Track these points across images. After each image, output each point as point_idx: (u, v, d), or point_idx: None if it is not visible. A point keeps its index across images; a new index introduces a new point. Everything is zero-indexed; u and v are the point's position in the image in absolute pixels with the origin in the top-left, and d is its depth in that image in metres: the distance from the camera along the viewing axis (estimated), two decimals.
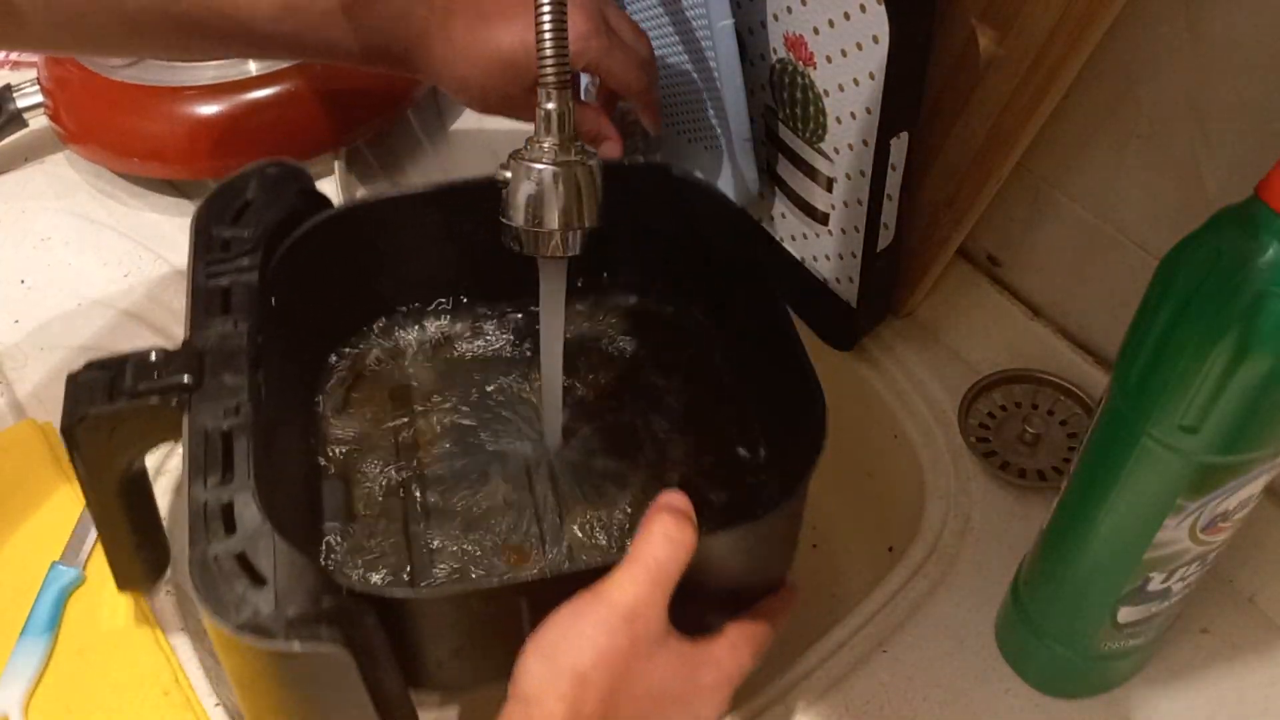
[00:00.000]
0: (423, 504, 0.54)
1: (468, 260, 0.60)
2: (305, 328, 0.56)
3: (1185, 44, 0.49)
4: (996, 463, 0.58)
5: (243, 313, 0.48)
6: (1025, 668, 0.50)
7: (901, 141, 0.53)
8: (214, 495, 0.42)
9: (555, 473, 0.55)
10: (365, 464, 0.56)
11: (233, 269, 0.50)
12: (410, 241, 0.58)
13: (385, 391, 0.59)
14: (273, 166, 0.55)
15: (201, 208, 0.53)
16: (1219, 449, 0.37)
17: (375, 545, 0.52)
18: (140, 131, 0.69)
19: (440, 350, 0.61)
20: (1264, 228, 0.33)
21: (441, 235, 0.58)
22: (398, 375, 0.59)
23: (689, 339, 0.61)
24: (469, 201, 0.56)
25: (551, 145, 0.48)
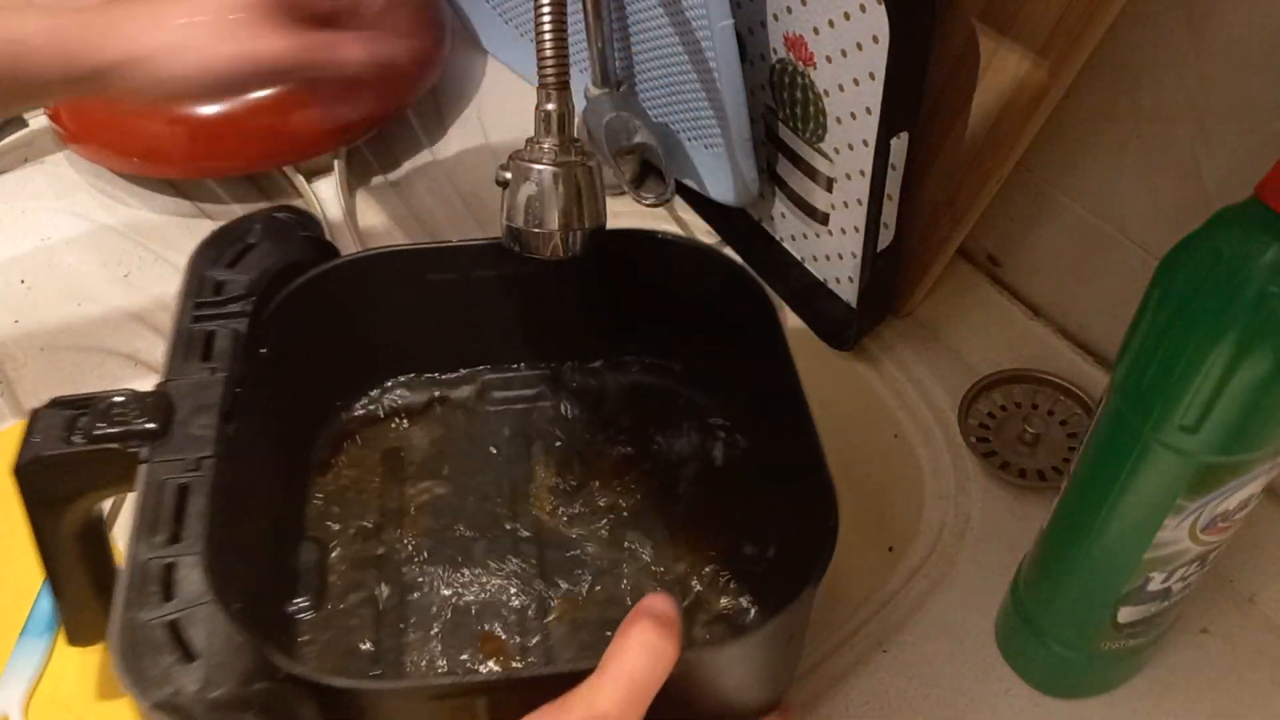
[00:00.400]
0: (400, 580, 0.51)
1: (479, 324, 0.57)
2: (297, 382, 0.53)
3: (1185, 44, 0.49)
4: (996, 463, 0.58)
5: (224, 361, 0.46)
6: (1025, 668, 0.50)
7: (901, 141, 0.53)
8: (157, 555, 0.39)
9: (543, 560, 0.52)
10: (345, 530, 0.53)
11: (222, 315, 0.48)
12: (418, 299, 0.55)
13: (377, 454, 0.56)
14: (282, 211, 0.53)
15: (199, 248, 0.51)
16: (1219, 449, 0.37)
17: (341, 622, 0.49)
18: (140, 131, 0.69)
19: (440, 417, 0.58)
20: (1264, 228, 0.33)
21: (452, 295, 0.55)
22: (391, 439, 0.57)
23: (696, 417, 0.58)
24: (485, 262, 0.54)
25: (551, 146, 0.48)
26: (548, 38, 0.45)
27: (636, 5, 0.62)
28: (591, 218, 0.49)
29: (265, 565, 0.50)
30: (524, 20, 0.77)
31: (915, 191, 0.59)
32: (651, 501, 0.54)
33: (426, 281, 0.54)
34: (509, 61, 0.81)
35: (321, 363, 0.55)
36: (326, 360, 0.55)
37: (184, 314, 0.48)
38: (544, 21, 0.45)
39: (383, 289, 0.54)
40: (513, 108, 0.78)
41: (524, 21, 0.77)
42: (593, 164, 0.49)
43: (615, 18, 0.64)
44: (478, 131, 0.77)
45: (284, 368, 0.50)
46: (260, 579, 0.49)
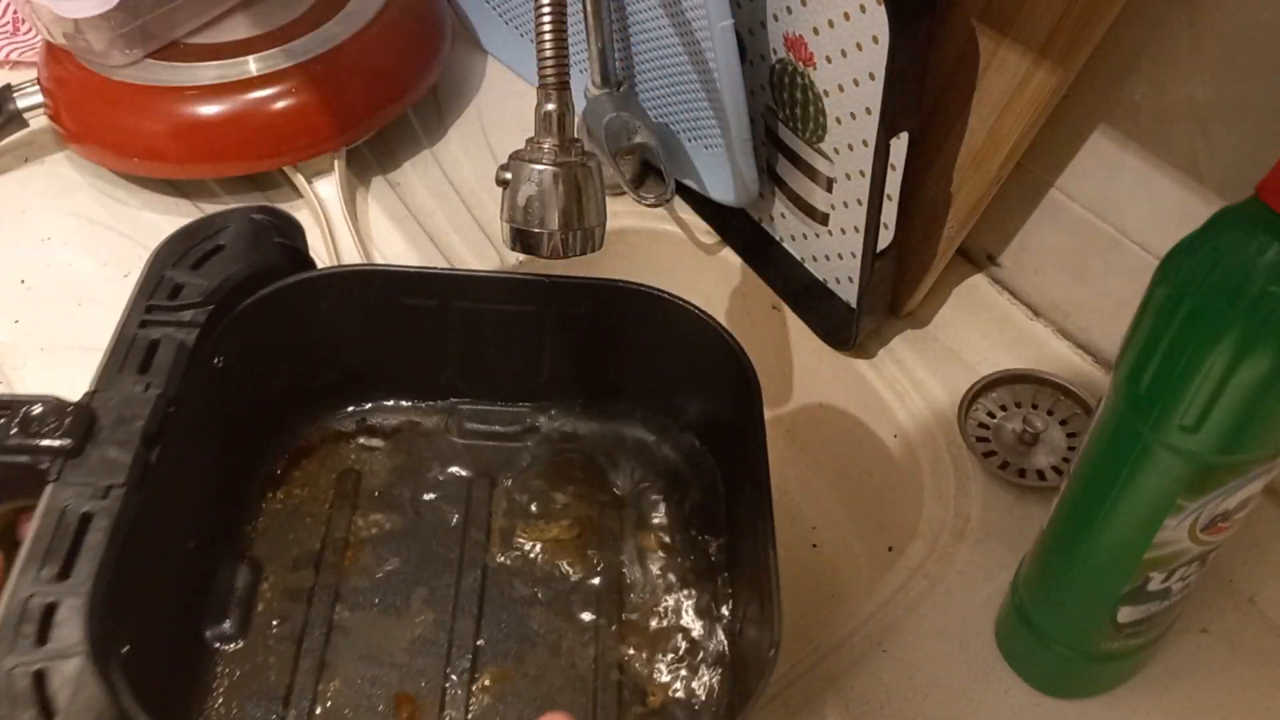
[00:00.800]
0: (329, 619, 0.48)
1: (457, 355, 0.54)
2: (252, 394, 0.50)
3: (1185, 44, 0.49)
4: (996, 463, 0.58)
5: (161, 376, 0.42)
6: (1025, 668, 0.50)
7: (901, 141, 0.53)
8: (41, 592, 0.35)
9: (483, 618, 0.49)
10: (284, 555, 0.50)
11: (171, 322, 0.44)
12: (394, 323, 0.52)
13: (333, 475, 0.52)
14: (260, 213, 0.49)
15: (163, 243, 0.47)
16: (1219, 449, 0.37)
17: (260, 657, 0.46)
18: (140, 131, 0.68)
19: (405, 444, 0.54)
20: (1264, 228, 0.33)
21: (430, 323, 0.52)
22: (351, 460, 0.53)
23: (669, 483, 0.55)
24: (467, 293, 0.51)
25: (551, 146, 0.48)
26: (548, 38, 0.45)
27: (636, 5, 0.62)
28: (591, 218, 0.49)
29: (189, 586, 0.46)
30: (524, 20, 0.77)
31: (915, 191, 0.59)
32: (607, 571, 0.51)
33: (403, 305, 0.51)
34: (509, 61, 0.81)
35: (283, 377, 0.52)
36: (289, 375, 0.52)
37: (131, 316, 0.44)
38: (544, 21, 0.45)
39: (357, 309, 0.51)
40: (513, 108, 0.78)
41: (524, 21, 0.77)
42: (593, 164, 0.49)
43: (615, 18, 0.64)
44: (478, 131, 0.77)
45: (238, 379, 0.47)
46: (181, 601, 0.46)
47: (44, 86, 0.72)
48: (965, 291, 0.65)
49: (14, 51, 0.80)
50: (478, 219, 0.71)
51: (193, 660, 0.46)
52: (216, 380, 0.45)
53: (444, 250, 0.69)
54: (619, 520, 0.53)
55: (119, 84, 0.68)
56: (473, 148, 0.75)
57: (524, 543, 0.52)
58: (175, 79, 0.68)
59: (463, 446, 0.55)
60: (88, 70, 0.69)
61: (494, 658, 0.48)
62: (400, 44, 0.73)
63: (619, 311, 0.52)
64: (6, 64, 0.81)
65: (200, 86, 0.68)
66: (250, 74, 0.68)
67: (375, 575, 0.50)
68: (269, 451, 0.53)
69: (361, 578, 0.50)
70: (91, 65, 0.69)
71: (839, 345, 0.64)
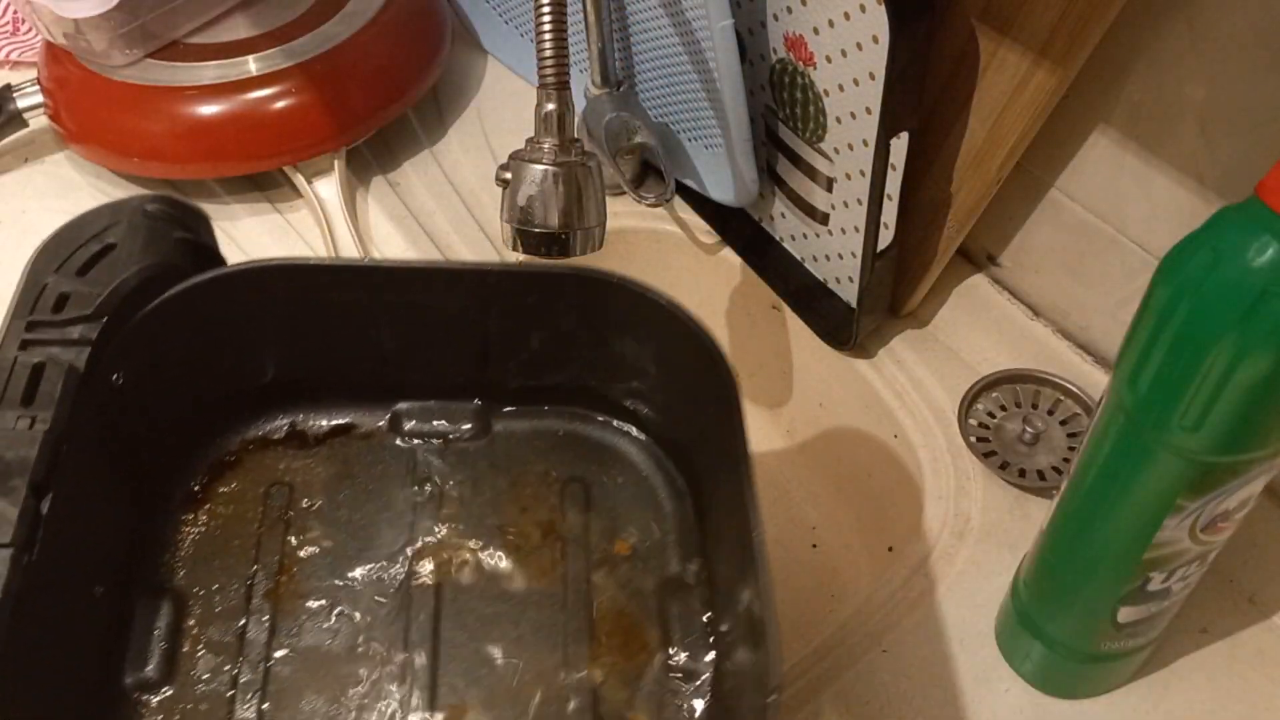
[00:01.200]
0: (266, 655, 0.43)
1: (391, 347, 0.49)
2: (161, 414, 0.45)
3: (1185, 44, 0.49)
4: (996, 463, 0.58)
5: (48, 409, 0.36)
6: (1025, 668, 0.50)
7: (901, 141, 0.53)
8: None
9: (439, 645, 0.44)
10: (209, 587, 0.45)
11: (58, 340, 0.38)
12: (320, 321, 0.47)
13: (260, 490, 0.47)
14: (155, 203, 0.43)
15: (41, 246, 0.42)
16: (1219, 449, 0.37)
17: (189, 706, 0.41)
18: (140, 131, 0.68)
19: (339, 451, 0.49)
20: (1264, 228, 0.33)
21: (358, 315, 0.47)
22: (280, 472, 0.48)
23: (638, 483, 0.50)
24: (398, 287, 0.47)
25: (551, 146, 0.48)
26: (548, 38, 0.45)
27: (636, 5, 0.62)
28: (591, 218, 0.49)
29: (101, 634, 0.42)
30: (524, 20, 0.77)
31: (915, 191, 0.59)
32: (573, 584, 0.46)
33: (329, 301, 0.47)
34: (509, 61, 0.81)
35: (195, 387, 0.47)
36: (202, 384, 0.47)
37: (8, 338, 0.38)
38: (544, 21, 0.45)
39: (276, 307, 0.46)
40: (513, 108, 0.78)
41: (524, 21, 0.77)
42: (593, 164, 0.49)
43: (615, 18, 0.64)
44: (478, 131, 0.77)
45: (143, 396, 0.42)
46: (93, 651, 0.41)
47: (44, 86, 0.72)
48: (965, 291, 0.65)
49: (14, 51, 0.80)
50: (478, 219, 0.71)
51: (111, 711, 0.41)
52: (116, 401, 0.40)
53: (444, 250, 0.69)
54: (584, 528, 0.48)
55: (119, 84, 0.68)
56: (473, 148, 0.75)
57: (481, 557, 0.47)
58: (175, 79, 0.68)
59: (406, 449, 0.50)
60: (88, 70, 0.69)
61: (453, 693, 0.43)
62: (400, 44, 0.73)
63: (575, 301, 0.47)
64: (6, 64, 0.81)
65: (200, 86, 0.68)
66: (250, 74, 0.68)
67: (315, 603, 0.45)
68: (186, 469, 0.48)
69: (299, 607, 0.44)
70: (92, 65, 0.69)
71: (839, 345, 0.64)
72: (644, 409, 0.50)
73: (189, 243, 0.44)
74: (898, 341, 0.64)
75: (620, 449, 0.51)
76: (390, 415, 0.50)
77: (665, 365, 0.48)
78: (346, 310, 0.47)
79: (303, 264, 0.46)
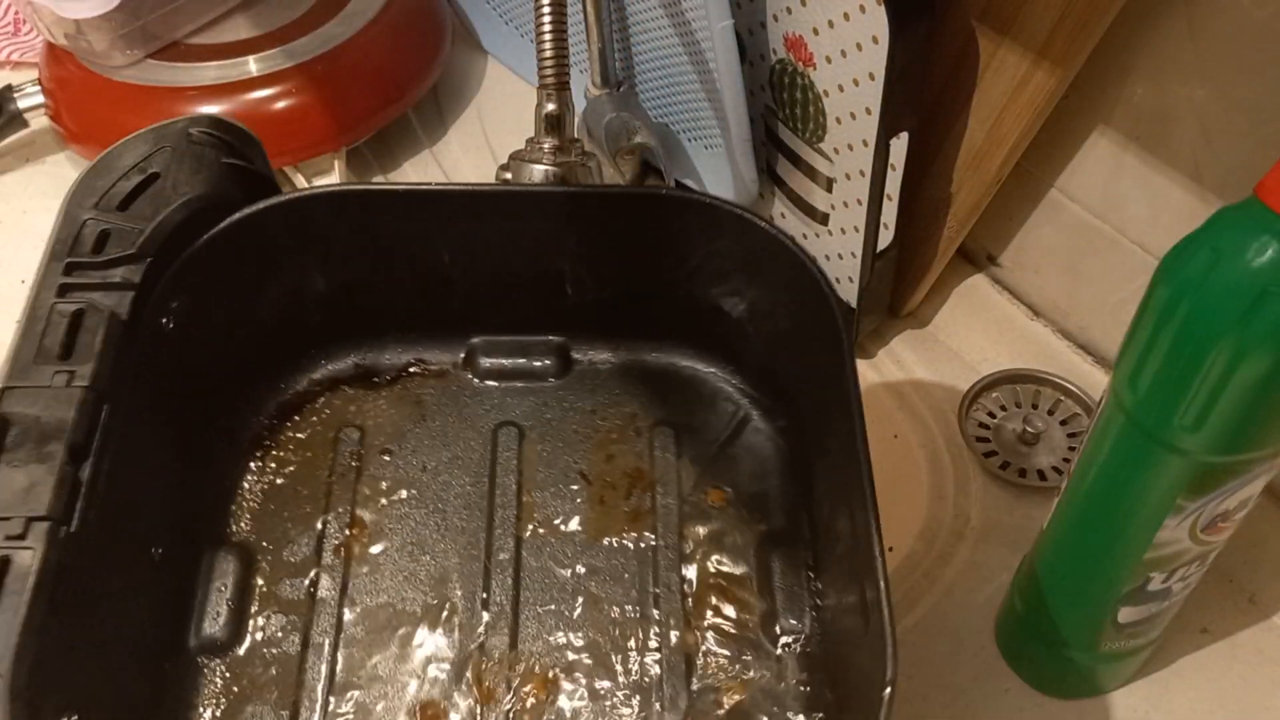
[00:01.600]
0: (337, 615, 0.41)
1: (463, 278, 0.46)
2: (216, 358, 0.42)
3: (1185, 44, 0.49)
4: (996, 463, 0.58)
5: (88, 363, 0.33)
6: (1025, 668, 0.50)
7: (901, 141, 0.53)
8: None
9: (519, 608, 0.41)
10: (279, 541, 0.42)
11: (99, 284, 0.35)
12: (385, 252, 0.44)
13: (330, 434, 0.45)
14: (199, 125, 0.39)
15: (77, 181, 0.38)
16: (1219, 449, 0.37)
17: (253, 672, 0.39)
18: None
19: (413, 391, 0.46)
20: (1264, 228, 0.33)
21: (426, 244, 0.44)
22: (351, 414, 0.45)
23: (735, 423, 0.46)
24: (469, 211, 0.43)
25: (551, 146, 0.48)
26: (548, 38, 0.45)
27: (636, 5, 0.62)
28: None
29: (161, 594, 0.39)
30: (524, 20, 0.77)
31: (915, 191, 0.59)
32: (664, 537, 0.43)
33: (394, 229, 0.43)
34: (509, 61, 0.81)
35: (253, 326, 0.43)
36: (261, 322, 0.44)
37: (45, 283, 0.35)
38: (544, 21, 0.45)
39: (338, 238, 0.43)
40: (513, 108, 0.78)
41: (524, 21, 0.77)
42: (593, 164, 0.49)
43: (615, 18, 0.64)
44: (478, 131, 0.77)
45: (196, 340, 0.39)
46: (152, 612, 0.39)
47: (45, 87, 0.72)
48: (965, 291, 0.65)
49: (15, 52, 0.81)
50: None
51: (176, 676, 0.39)
52: (167, 348, 0.37)
53: None
54: (676, 476, 0.44)
55: (120, 84, 0.68)
56: (473, 148, 0.75)
57: (565, 508, 0.44)
58: (176, 79, 0.68)
59: (482, 389, 0.46)
60: (89, 71, 0.69)
61: (535, 656, 0.40)
62: (400, 44, 0.73)
63: (661, 224, 0.43)
64: (7, 64, 0.81)
65: (201, 86, 0.68)
66: (250, 74, 0.68)
67: (388, 560, 0.42)
68: (250, 412, 0.45)
69: (372, 564, 0.42)
70: (92, 66, 0.69)
71: None
72: (740, 345, 0.46)
73: (239, 169, 0.40)
74: (898, 341, 0.64)
75: (714, 388, 0.47)
76: (465, 352, 0.47)
77: (765, 298, 0.43)
78: (411, 239, 0.43)
79: (362, 189, 0.43)
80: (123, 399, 0.35)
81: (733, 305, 0.45)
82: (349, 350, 0.47)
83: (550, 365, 0.48)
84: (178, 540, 0.41)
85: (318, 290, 0.45)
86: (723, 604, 0.42)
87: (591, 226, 0.43)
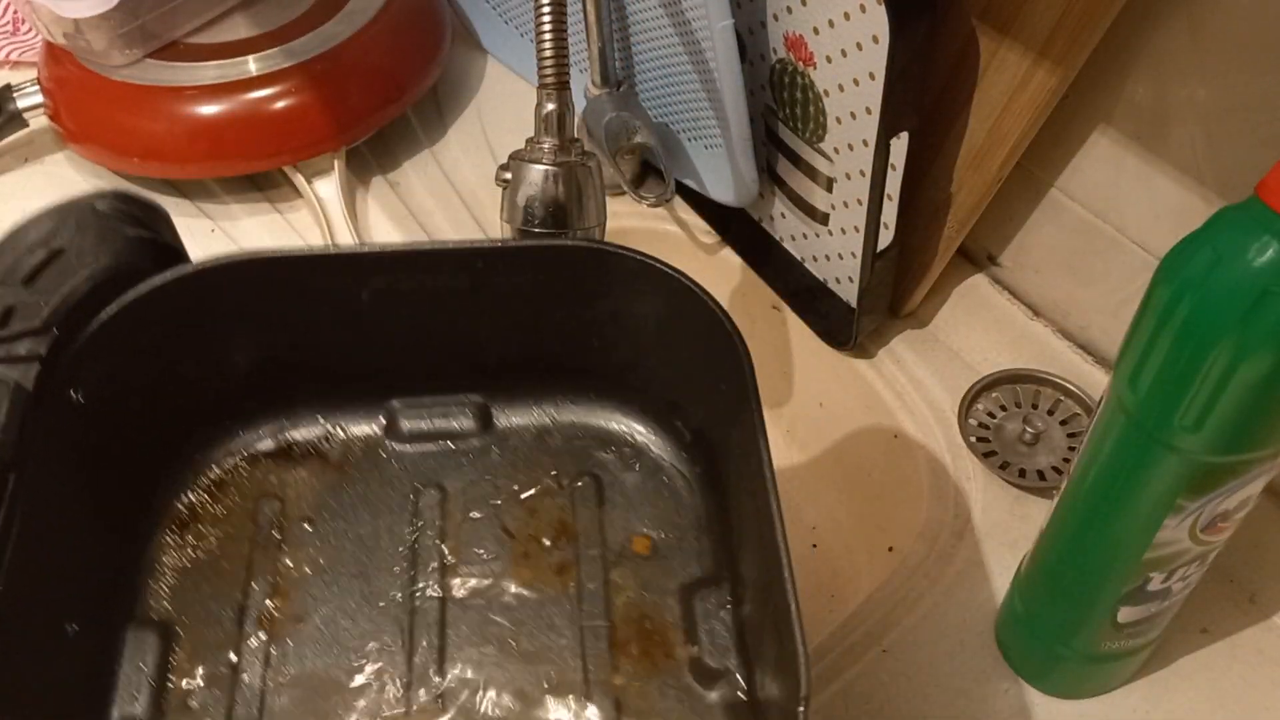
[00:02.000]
0: (262, 687, 0.40)
1: (381, 341, 0.46)
2: (132, 431, 0.42)
3: (1185, 44, 0.49)
4: (996, 463, 0.58)
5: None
6: (1025, 668, 0.50)
7: (901, 141, 0.53)
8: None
9: (445, 663, 0.41)
10: (197, 615, 0.42)
11: (4, 356, 0.35)
12: (298, 312, 0.44)
13: (249, 507, 0.44)
14: (105, 200, 0.40)
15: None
16: (1219, 449, 0.37)
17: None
18: (140, 131, 0.68)
19: (333, 459, 0.46)
20: (1264, 228, 0.33)
21: (343, 307, 0.44)
22: (270, 486, 0.45)
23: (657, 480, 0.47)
24: (383, 271, 0.43)
25: (551, 146, 0.48)
26: (548, 38, 0.45)
27: (636, 5, 0.62)
28: (591, 218, 0.49)
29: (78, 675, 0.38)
30: (524, 20, 0.77)
31: (915, 191, 0.59)
32: (589, 587, 0.44)
33: (309, 292, 0.43)
34: (509, 61, 0.81)
35: (165, 398, 0.43)
36: (176, 395, 0.44)
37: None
38: (544, 21, 0.45)
39: (248, 305, 0.43)
40: (513, 108, 0.78)
41: (524, 21, 0.77)
42: (593, 164, 0.49)
43: (615, 18, 0.64)
44: (478, 131, 0.77)
45: (109, 412, 0.39)
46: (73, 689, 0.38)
47: (44, 86, 0.72)
48: (965, 291, 0.65)
49: (14, 51, 0.81)
50: (478, 219, 0.71)
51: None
52: (79, 420, 0.37)
53: None
54: (599, 526, 0.46)
55: (119, 84, 0.68)
56: (473, 148, 0.75)
57: (489, 565, 0.44)
58: (175, 79, 0.68)
59: (403, 452, 0.47)
60: (88, 70, 0.69)
61: (465, 714, 0.40)
62: (400, 44, 0.73)
63: (575, 277, 0.44)
64: (6, 64, 0.81)
65: (200, 86, 0.68)
66: (250, 74, 0.68)
67: (312, 627, 0.42)
68: (168, 483, 0.45)
69: (296, 631, 0.42)
70: (91, 65, 0.69)
71: (839, 345, 0.64)
72: (653, 390, 0.47)
73: (147, 241, 0.40)
74: (898, 341, 0.64)
75: (632, 438, 0.48)
76: (384, 415, 0.48)
77: (672, 339, 0.45)
78: (325, 304, 0.44)
79: (270, 256, 0.42)
80: (31, 470, 0.35)
81: (647, 356, 0.46)
82: (267, 419, 0.47)
83: (471, 425, 0.48)
84: (94, 616, 0.40)
85: (231, 359, 0.45)
86: (651, 649, 0.42)
87: (504, 282, 0.44)
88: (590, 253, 0.43)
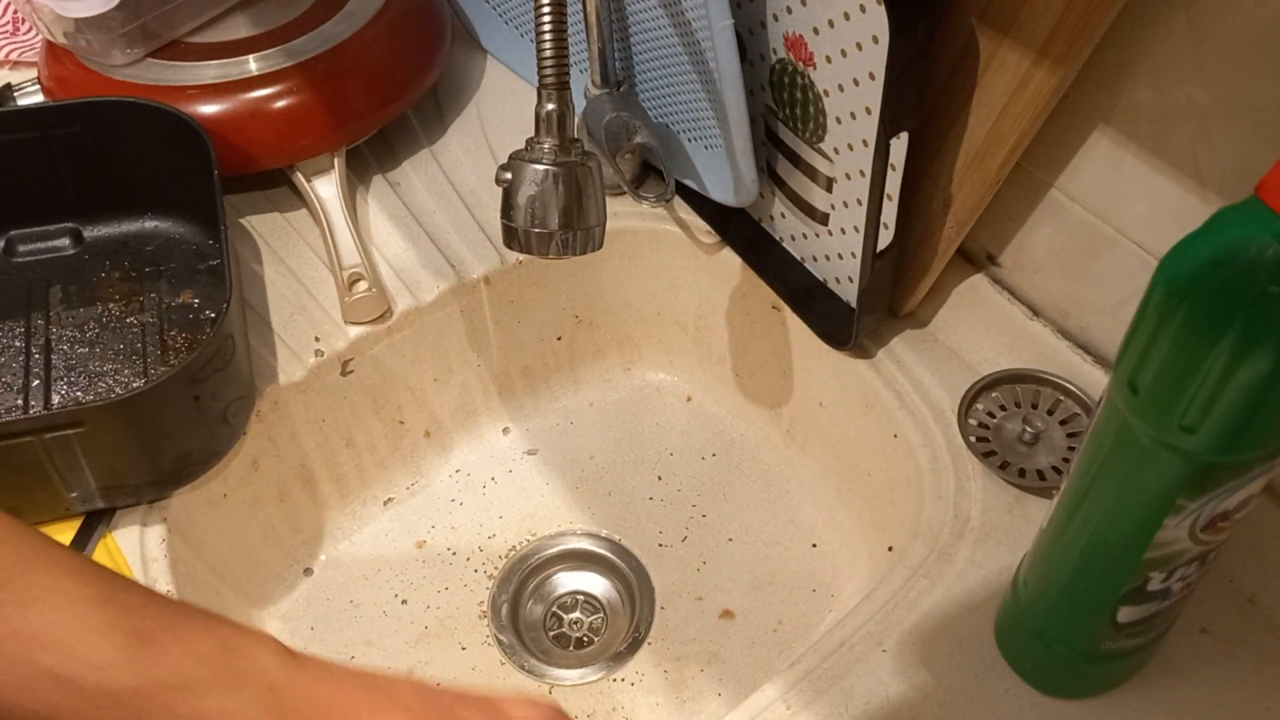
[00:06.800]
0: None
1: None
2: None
3: (1185, 44, 0.49)
4: (996, 463, 0.58)
5: None
6: (1025, 668, 0.50)
7: (901, 141, 0.53)
8: None
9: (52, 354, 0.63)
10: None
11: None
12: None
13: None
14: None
15: None
16: (1219, 449, 0.37)
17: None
18: None
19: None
20: (1264, 228, 0.33)
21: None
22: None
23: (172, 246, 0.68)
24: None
25: (551, 146, 0.48)
26: (548, 38, 0.45)
27: (636, 5, 0.62)
28: (591, 218, 0.49)
29: None
30: (524, 20, 0.77)
31: (915, 191, 0.59)
32: (148, 320, 0.64)
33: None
34: (509, 61, 0.81)
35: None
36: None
37: None
38: (544, 21, 0.45)
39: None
40: (513, 108, 0.78)
41: (524, 21, 0.77)
42: (593, 164, 0.49)
43: (615, 18, 0.64)
44: (478, 131, 0.77)
45: None
46: None
47: (44, 86, 0.72)
48: (965, 291, 0.65)
49: (14, 51, 0.80)
50: (478, 219, 0.71)
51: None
52: None
53: (444, 250, 0.69)
54: (159, 290, 0.67)
55: (120, 83, 0.68)
56: (473, 148, 0.75)
57: (84, 311, 0.65)
58: (175, 78, 0.68)
59: (19, 265, 0.68)
60: (88, 70, 0.69)
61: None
62: (400, 44, 0.73)
63: (110, 127, 0.64)
64: (7, 64, 0.81)
65: (200, 86, 0.68)
66: (250, 73, 0.68)
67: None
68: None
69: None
70: (92, 65, 0.69)
71: (839, 345, 0.64)
72: (160, 195, 0.68)
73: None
74: (897, 341, 0.64)
75: (165, 233, 0.70)
76: (3, 241, 0.67)
77: (166, 158, 0.65)
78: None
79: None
80: None
81: (157, 172, 0.67)
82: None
83: (68, 243, 0.69)
84: None
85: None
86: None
87: (62, 129, 0.64)
88: (119, 105, 0.65)
